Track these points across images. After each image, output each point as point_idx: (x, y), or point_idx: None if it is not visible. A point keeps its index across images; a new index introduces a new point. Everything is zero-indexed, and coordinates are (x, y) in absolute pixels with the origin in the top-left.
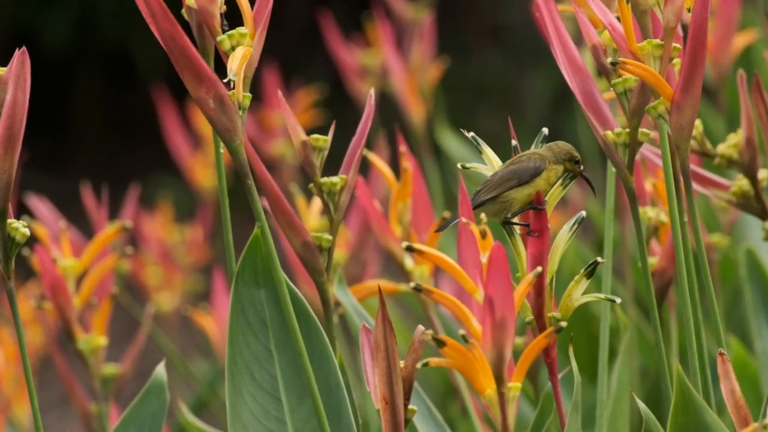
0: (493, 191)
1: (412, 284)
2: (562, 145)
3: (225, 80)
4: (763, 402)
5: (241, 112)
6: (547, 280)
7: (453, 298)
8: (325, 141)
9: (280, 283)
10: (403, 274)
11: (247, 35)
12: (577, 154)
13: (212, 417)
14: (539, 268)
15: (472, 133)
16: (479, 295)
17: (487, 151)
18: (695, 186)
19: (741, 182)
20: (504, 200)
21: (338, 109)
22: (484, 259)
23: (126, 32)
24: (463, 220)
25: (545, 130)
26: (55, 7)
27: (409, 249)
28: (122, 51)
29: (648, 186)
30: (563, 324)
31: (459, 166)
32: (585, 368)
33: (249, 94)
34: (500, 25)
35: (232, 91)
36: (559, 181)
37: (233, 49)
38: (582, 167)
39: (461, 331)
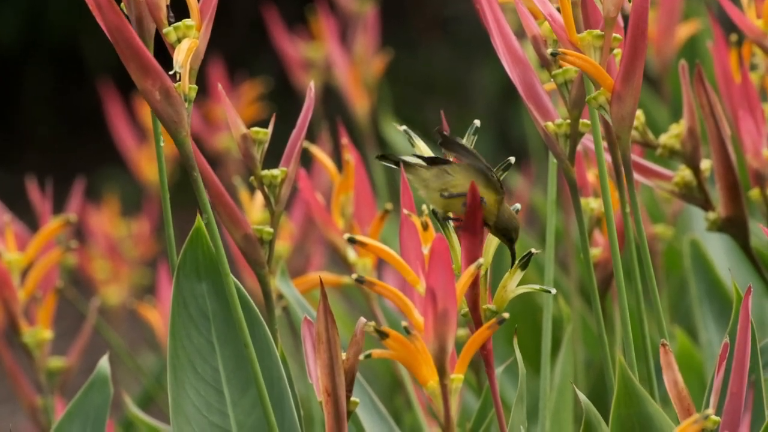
0: (464, 153)
1: (354, 276)
2: (514, 219)
3: (171, 72)
4: (706, 392)
5: (187, 104)
6: (482, 272)
7: (395, 289)
8: (265, 134)
9: (225, 275)
10: (346, 267)
11: (194, 27)
12: (516, 234)
13: (159, 410)
14: (481, 260)
15: (404, 127)
16: (421, 287)
17: (420, 144)
18: (638, 177)
19: (683, 173)
20: (452, 174)
21: (284, 102)
22: (425, 250)
23: (75, 27)
24: (405, 211)
25: (477, 122)
26: (3, 4)
27: (351, 241)
28: (71, 46)
29: (590, 177)
30: (506, 315)
31: None
32: (530, 359)
33: (195, 86)
34: (448, 18)
35: (178, 83)
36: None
37: (179, 41)
38: (513, 245)
39: (404, 323)
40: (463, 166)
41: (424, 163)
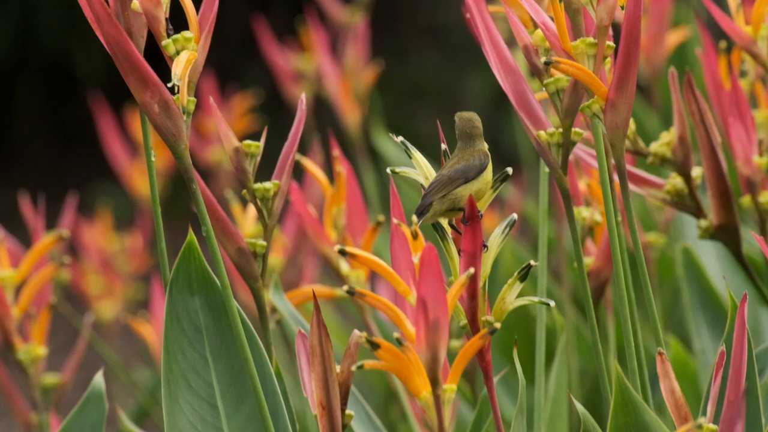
0: (443, 190)
1: (345, 288)
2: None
3: (169, 85)
4: (702, 400)
5: (185, 117)
6: (480, 284)
7: (386, 300)
8: (257, 147)
9: (225, 287)
10: (339, 279)
11: (192, 39)
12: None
13: (154, 426)
14: (472, 269)
15: (401, 138)
16: (412, 297)
17: (417, 155)
18: (630, 185)
19: (675, 180)
20: (453, 197)
21: (275, 114)
22: (416, 260)
23: (66, 41)
24: (395, 221)
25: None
26: None
27: (342, 252)
28: (62, 60)
29: (582, 186)
30: (497, 326)
31: (388, 170)
32: (524, 370)
33: (194, 99)
34: (438, 26)
35: (177, 95)
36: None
37: (178, 53)
38: None
39: (396, 334)
40: (458, 179)
41: (432, 201)
